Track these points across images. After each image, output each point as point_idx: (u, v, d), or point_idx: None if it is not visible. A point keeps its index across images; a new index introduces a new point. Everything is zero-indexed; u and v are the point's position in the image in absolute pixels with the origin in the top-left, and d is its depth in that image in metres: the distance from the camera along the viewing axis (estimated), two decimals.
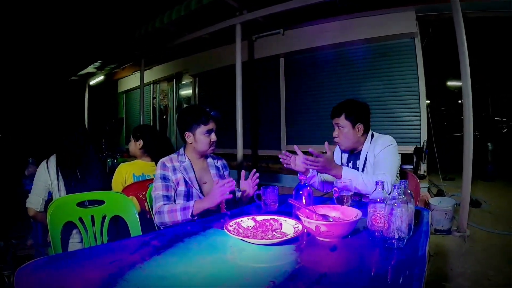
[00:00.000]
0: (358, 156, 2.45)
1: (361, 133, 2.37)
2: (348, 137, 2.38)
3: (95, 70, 9.41)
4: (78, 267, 1.17)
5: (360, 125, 2.36)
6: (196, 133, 2.22)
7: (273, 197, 1.94)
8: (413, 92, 4.86)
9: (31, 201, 2.53)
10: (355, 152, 2.49)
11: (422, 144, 4.73)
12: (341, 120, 2.37)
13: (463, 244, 3.74)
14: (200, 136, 2.22)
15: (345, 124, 2.36)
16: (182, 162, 2.24)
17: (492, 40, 6.01)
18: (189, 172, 2.22)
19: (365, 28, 5.04)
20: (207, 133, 2.22)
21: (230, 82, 5.64)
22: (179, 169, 2.20)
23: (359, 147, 2.45)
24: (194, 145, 2.25)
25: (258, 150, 6.60)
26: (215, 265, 1.19)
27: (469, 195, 3.95)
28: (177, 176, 2.18)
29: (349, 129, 2.36)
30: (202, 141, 2.22)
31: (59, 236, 1.94)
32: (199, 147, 2.25)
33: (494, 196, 5.36)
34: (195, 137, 2.22)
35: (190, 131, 2.23)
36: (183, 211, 1.98)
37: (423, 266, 1.14)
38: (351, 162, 2.51)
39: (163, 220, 2.01)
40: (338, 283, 1.05)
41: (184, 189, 2.16)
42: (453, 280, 2.97)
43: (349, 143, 2.41)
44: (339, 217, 1.56)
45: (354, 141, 2.39)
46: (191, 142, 2.25)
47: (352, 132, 2.36)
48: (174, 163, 2.22)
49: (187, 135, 2.25)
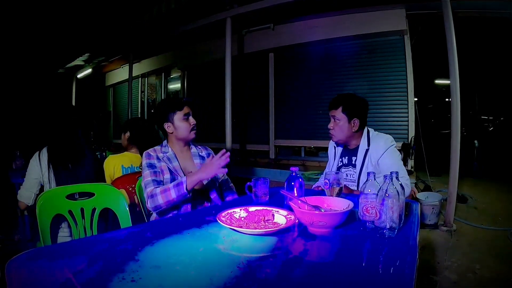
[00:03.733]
0: (354, 152, 2.42)
1: (356, 128, 2.35)
2: (343, 130, 2.35)
3: (83, 63, 9.27)
4: (69, 259, 1.15)
5: (356, 120, 2.33)
6: (174, 120, 2.23)
7: (264, 189, 1.93)
8: (401, 89, 4.92)
9: (21, 195, 2.51)
10: (349, 147, 2.47)
11: (409, 141, 4.79)
12: (338, 113, 2.35)
13: (450, 238, 3.80)
14: (179, 123, 2.23)
15: (341, 117, 2.34)
16: (166, 152, 2.25)
17: (480, 40, 6.10)
18: (173, 161, 2.22)
19: (355, 25, 5.08)
20: (185, 117, 2.24)
21: (219, 76, 5.62)
22: (162, 159, 2.21)
23: (354, 143, 2.43)
24: (175, 134, 2.26)
25: (247, 145, 6.60)
26: (208, 255, 1.19)
27: (456, 191, 4.02)
28: (161, 164, 2.18)
29: (344, 122, 2.34)
30: (181, 127, 2.24)
31: (48, 228, 1.92)
32: (180, 134, 2.26)
33: (479, 192, 5.46)
34: (174, 125, 2.24)
35: (168, 121, 2.25)
36: (176, 187, 1.97)
37: (415, 255, 1.16)
38: (346, 158, 2.48)
39: (157, 202, 1.98)
40: (331, 272, 1.06)
41: (170, 176, 2.15)
42: (440, 273, 3.02)
43: (342, 137, 2.38)
44: (331, 208, 1.57)
45: (348, 135, 2.37)
46: (172, 131, 2.26)
47: (347, 126, 2.34)
48: (157, 153, 2.23)
49: (166, 126, 2.26)
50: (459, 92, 3.86)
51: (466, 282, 2.88)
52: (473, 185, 5.89)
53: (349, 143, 2.44)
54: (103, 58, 9.00)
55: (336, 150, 2.57)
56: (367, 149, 2.35)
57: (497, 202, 5.00)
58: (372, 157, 2.31)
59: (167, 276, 1.02)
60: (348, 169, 2.45)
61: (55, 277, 1.02)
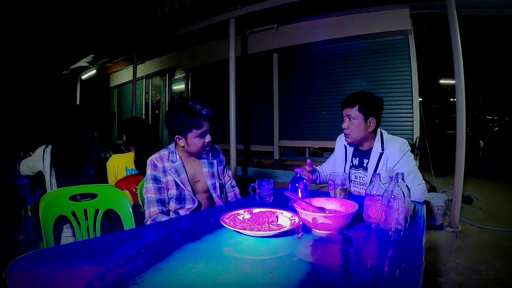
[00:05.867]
0: (366, 155, 2.30)
1: (372, 128, 2.22)
2: (359, 130, 2.22)
3: (87, 64, 9.30)
4: (71, 260, 1.15)
5: (373, 120, 2.20)
6: (188, 137, 2.03)
7: (268, 190, 1.92)
8: (406, 89, 4.89)
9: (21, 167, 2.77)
10: (361, 148, 2.35)
11: (414, 141, 4.76)
12: (354, 111, 2.20)
13: (455, 239, 3.77)
14: (193, 140, 2.03)
15: (357, 116, 2.20)
16: (173, 162, 2.08)
17: (485, 39, 6.06)
18: (181, 173, 2.09)
19: (359, 25, 5.06)
20: (200, 136, 2.04)
21: (223, 77, 5.60)
22: (169, 171, 2.06)
23: (367, 144, 2.30)
24: (187, 148, 2.08)
25: (251, 146, 6.60)
26: (211, 257, 1.18)
27: (461, 191, 3.98)
28: (168, 179, 2.06)
29: (360, 121, 2.20)
30: (195, 144, 2.05)
31: (51, 230, 1.92)
32: (192, 150, 2.08)
33: (485, 193, 5.42)
34: (187, 141, 2.04)
35: (181, 135, 2.04)
36: None
37: (421, 257, 1.14)
38: (357, 159, 2.36)
39: None
40: (335, 275, 1.05)
41: (176, 192, 2.06)
42: (445, 275, 2.99)
43: (358, 137, 2.24)
44: (336, 210, 1.56)
45: (364, 135, 2.24)
46: (183, 145, 2.07)
47: (364, 126, 2.20)
48: (164, 163, 2.07)
49: (177, 139, 2.06)
50: (464, 92, 3.83)
51: (471, 284, 2.85)
52: (479, 186, 5.85)
53: (362, 144, 2.32)
54: (107, 59, 9.03)
55: (347, 149, 2.42)
56: (381, 153, 2.23)
57: (503, 203, 4.96)
58: (388, 162, 2.19)
59: (170, 279, 1.01)
60: (358, 171, 2.34)
61: (56, 280, 1.02)
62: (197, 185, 2.18)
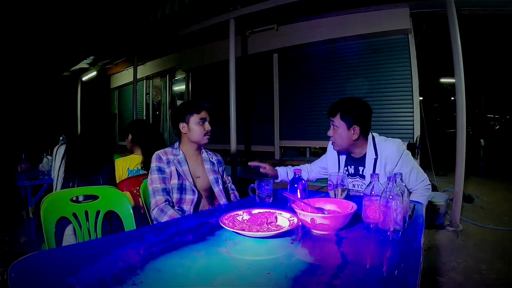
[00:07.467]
0: (361, 162, 2.26)
1: (356, 136, 2.15)
2: (342, 138, 2.18)
3: (88, 65, 9.31)
4: (72, 261, 1.16)
5: (356, 128, 2.13)
6: (189, 122, 2.26)
7: (268, 191, 1.93)
8: (406, 88, 4.88)
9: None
10: (352, 155, 2.30)
11: (415, 140, 4.75)
12: (336, 120, 2.17)
13: (456, 238, 3.77)
14: (194, 125, 2.26)
15: (339, 125, 2.16)
16: (176, 155, 2.25)
17: (485, 38, 6.05)
18: (183, 165, 2.23)
19: (359, 24, 5.05)
20: (201, 122, 2.27)
21: (224, 78, 5.61)
22: (173, 162, 2.22)
23: (357, 151, 2.25)
24: (189, 135, 2.28)
25: (251, 146, 6.60)
26: (210, 257, 1.18)
27: (462, 190, 3.98)
28: (171, 169, 2.20)
29: (343, 130, 2.16)
30: (196, 130, 2.26)
31: (52, 231, 1.92)
32: (193, 137, 2.27)
33: (486, 192, 5.42)
34: (188, 126, 2.26)
35: (183, 121, 2.27)
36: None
37: (419, 258, 1.14)
38: (352, 167, 2.31)
39: (162, 219, 2.02)
40: (333, 275, 1.05)
41: (177, 182, 2.18)
42: (446, 274, 2.99)
43: (343, 145, 2.21)
44: (334, 210, 1.56)
45: (348, 143, 2.19)
46: (185, 132, 2.28)
47: (347, 134, 2.16)
48: (168, 156, 2.24)
49: (181, 126, 2.28)
50: (464, 90, 3.83)
51: (472, 283, 2.85)
52: (479, 185, 5.85)
53: (352, 151, 2.27)
54: (108, 61, 9.04)
55: (340, 157, 2.37)
56: (375, 158, 2.18)
57: (504, 202, 4.95)
58: (387, 166, 2.15)
59: (168, 279, 1.01)
60: (355, 179, 2.29)
61: (57, 281, 1.02)
62: (198, 181, 2.29)
